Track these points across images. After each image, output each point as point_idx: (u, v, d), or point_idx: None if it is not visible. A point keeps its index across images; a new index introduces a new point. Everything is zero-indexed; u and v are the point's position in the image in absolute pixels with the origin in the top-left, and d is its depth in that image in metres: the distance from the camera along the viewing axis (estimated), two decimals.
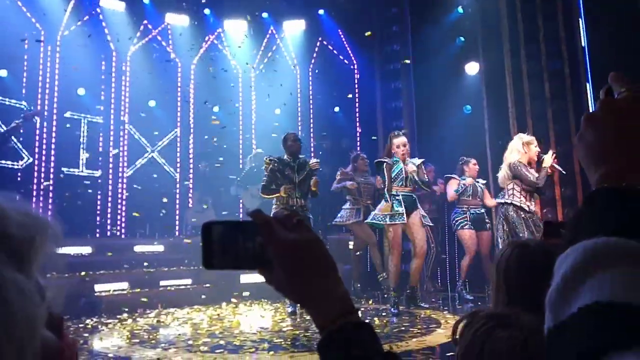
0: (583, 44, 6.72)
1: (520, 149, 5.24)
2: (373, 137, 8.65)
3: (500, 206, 5.37)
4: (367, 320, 0.62)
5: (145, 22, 8.79)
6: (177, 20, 9.04)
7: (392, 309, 5.54)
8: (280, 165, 5.63)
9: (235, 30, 9.39)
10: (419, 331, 4.54)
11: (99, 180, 8.23)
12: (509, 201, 5.21)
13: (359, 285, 7.29)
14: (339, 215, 7.21)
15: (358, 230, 7.12)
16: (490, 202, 6.54)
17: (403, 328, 4.71)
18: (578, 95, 6.65)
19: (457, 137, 7.48)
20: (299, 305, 0.69)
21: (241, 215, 8.14)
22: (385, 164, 5.69)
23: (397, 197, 5.77)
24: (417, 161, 5.79)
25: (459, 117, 7.74)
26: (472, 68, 7.82)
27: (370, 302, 6.58)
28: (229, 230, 0.67)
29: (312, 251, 0.66)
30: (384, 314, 5.59)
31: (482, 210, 6.70)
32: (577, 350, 0.41)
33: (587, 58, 6.65)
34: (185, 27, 9.11)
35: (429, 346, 3.96)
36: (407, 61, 8.33)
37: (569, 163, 6.56)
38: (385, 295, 6.61)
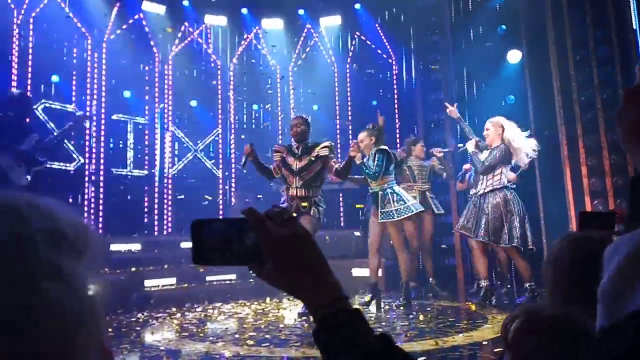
0: (634, 27, 6.41)
1: None
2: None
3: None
4: (411, 316, 0.62)
5: (186, 24, 9.00)
6: (216, 21, 9.20)
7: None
8: (284, 153, 5.22)
9: (273, 28, 9.48)
10: (465, 326, 4.48)
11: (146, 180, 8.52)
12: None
13: (434, 281, 6.56)
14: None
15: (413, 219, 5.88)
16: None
17: (449, 323, 4.66)
18: (629, 81, 6.34)
19: None
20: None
21: None
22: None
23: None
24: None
25: (502, 108, 7.52)
26: (514, 56, 7.58)
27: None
28: (220, 228, 0.71)
29: (302, 245, 0.70)
30: (428, 309, 5.54)
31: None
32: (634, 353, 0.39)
33: (639, 42, 6.34)
34: (224, 27, 9.27)
35: (476, 341, 3.90)
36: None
37: (620, 152, 6.28)
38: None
